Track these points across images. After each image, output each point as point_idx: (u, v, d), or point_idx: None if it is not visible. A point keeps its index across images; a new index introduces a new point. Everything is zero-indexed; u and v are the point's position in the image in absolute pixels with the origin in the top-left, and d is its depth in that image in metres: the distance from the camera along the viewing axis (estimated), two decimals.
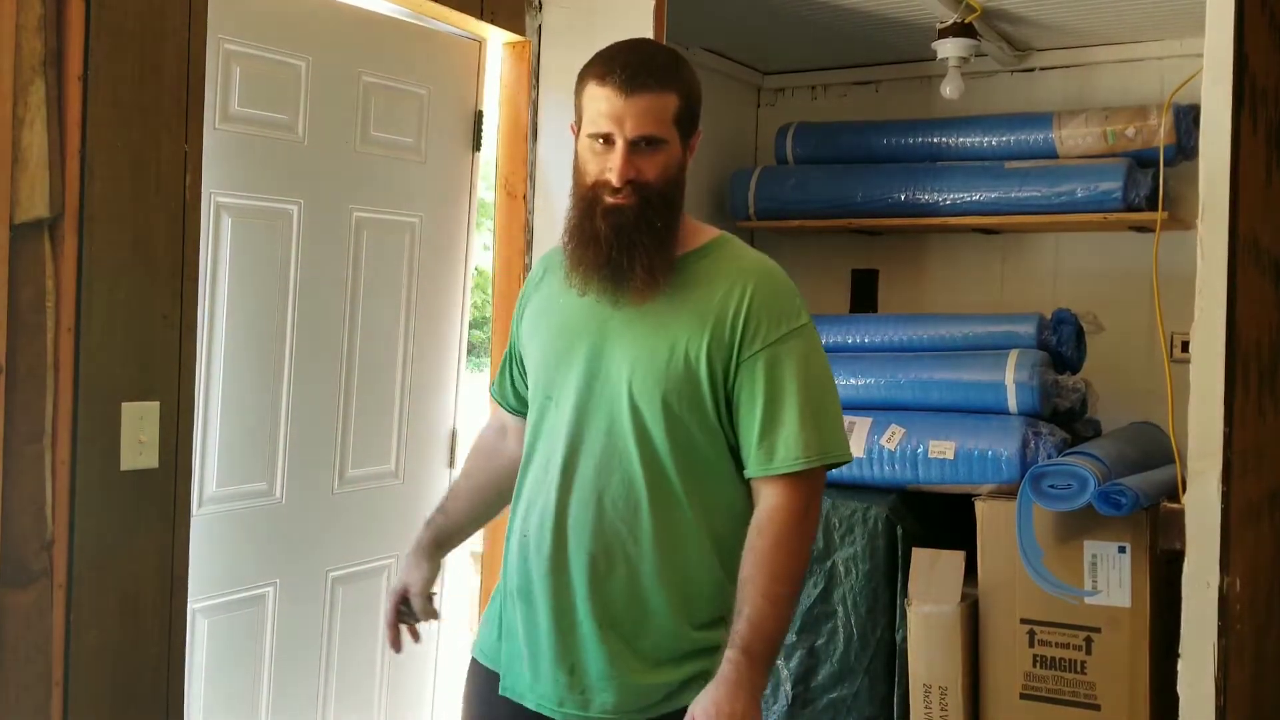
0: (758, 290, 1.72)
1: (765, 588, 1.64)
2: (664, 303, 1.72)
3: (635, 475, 1.71)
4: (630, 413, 1.71)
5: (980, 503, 2.92)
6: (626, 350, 1.72)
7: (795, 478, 1.68)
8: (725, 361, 1.70)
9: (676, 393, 1.69)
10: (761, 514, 1.69)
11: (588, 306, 1.76)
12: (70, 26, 1.96)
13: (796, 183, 3.70)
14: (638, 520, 1.71)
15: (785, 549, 1.66)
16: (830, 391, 1.75)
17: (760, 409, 1.69)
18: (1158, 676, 2.72)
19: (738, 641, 1.61)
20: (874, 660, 3.03)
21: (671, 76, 1.72)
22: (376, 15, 2.69)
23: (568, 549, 1.73)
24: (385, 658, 2.84)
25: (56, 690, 1.97)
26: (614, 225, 1.69)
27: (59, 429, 1.97)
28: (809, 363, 1.73)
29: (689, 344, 1.69)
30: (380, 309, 2.74)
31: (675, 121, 1.72)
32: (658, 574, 1.71)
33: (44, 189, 1.93)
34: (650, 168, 1.70)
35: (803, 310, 1.76)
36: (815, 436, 1.68)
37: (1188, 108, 3.18)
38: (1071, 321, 3.18)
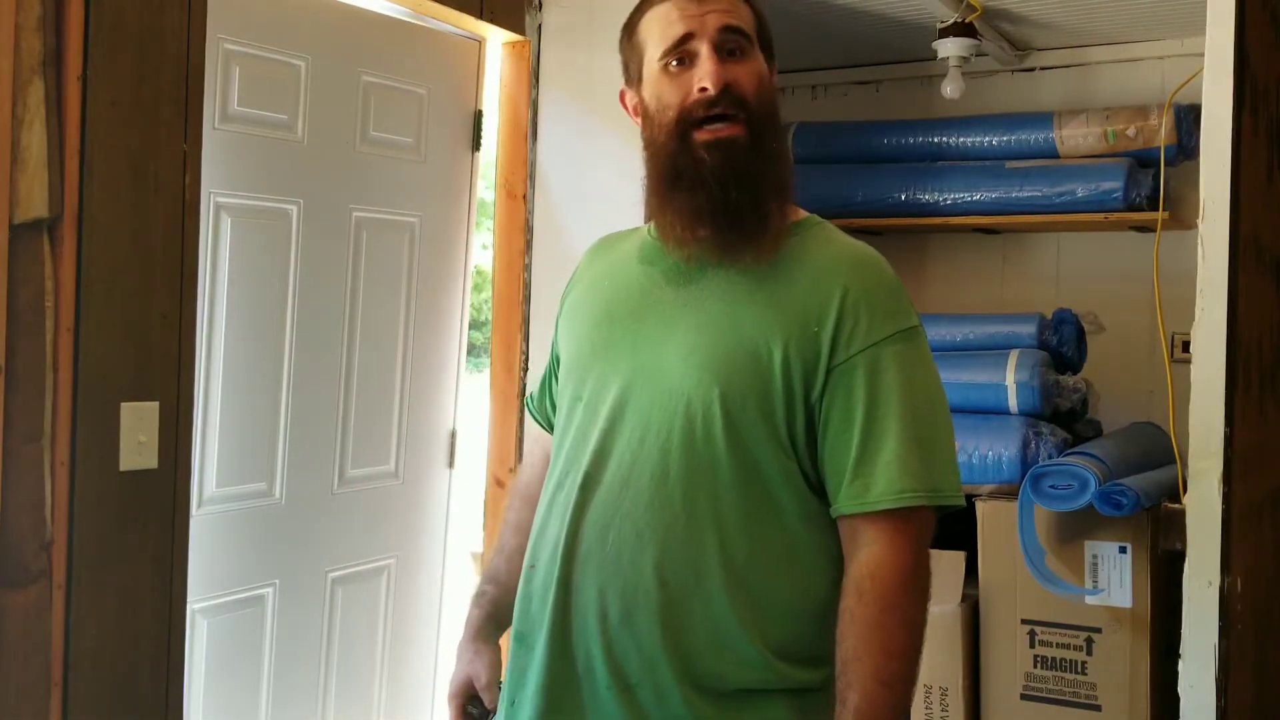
0: (858, 281, 1.38)
1: (878, 668, 1.28)
2: (739, 285, 1.39)
3: (673, 496, 1.35)
4: (678, 415, 1.36)
5: (981, 503, 2.92)
6: (683, 339, 1.38)
7: (904, 519, 1.32)
8: (810, 366, 1.35)
9: (741, 395, 1.34)
10: (860, 570, 1.32)
11: (640, 289, 1.45)
12: (70, 26, 1.95)
13: (797, 183, 3.69)
14: (669, 555, 1.35)
15: (898, 615, 1.30)
16: (944, 414, 1.38)
17: (858, 427, 1.33)
18: (1159, 677, 2.71)
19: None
20: None
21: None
22: (376, 15, 2.69)
23: (575, 585, 1.39)
24: (385, 658, 2.83)
25: (56, 690, 1.97)
26: (724, 159, 1.36)
27: (58, 429, 1.96)
28: (920, 374, 1.37)
29: (765, 338, 1.35)
30: (380, 309, 2.74)
31: (756, 34, 1.43)
32: (685, 629, 1.35)
33: (43, 189, 1.93)
34: (746, 77, 1.38)
35: (911, 310, 1.41)
36: (926, 467, 1.33)
37: (1188, 107, 3.18)
38: (1072, 321, 3.17)
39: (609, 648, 1.36)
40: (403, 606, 2.86)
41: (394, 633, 2.84)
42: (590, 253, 1.65)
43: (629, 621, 1.35)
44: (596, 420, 1.42)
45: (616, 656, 1.36)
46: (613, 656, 1.36)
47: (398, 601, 2.84)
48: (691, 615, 1.35)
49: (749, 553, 1.35)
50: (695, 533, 1.35)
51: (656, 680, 1.35)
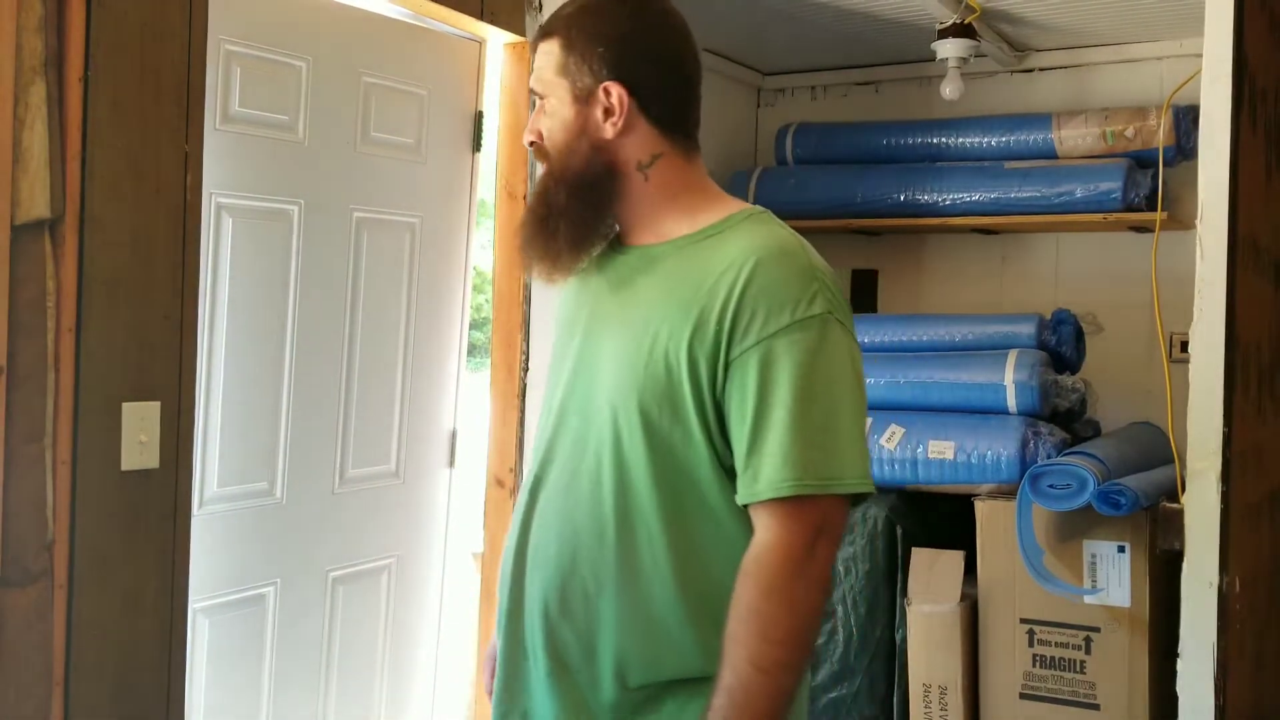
0: (757, 271, 1.38)
1: (754, 651, 1.30)
2: (657, 290, 1.45)
3: (604, 498, 1.42)
4: (604, 421, 1.43)
5: (980, 503, 2.92)
6: (608, 345, 1.47)
7: (792, 508, 1.33)
8: (712, 362, 1.38)
9: (655, 399, 1.39)
10: (749, 555, 1.35)
11: (592, 296, 1.53)
12: (71, 27, 1.96)
13: (796, 183, 3.70)
14: (602, 553, 1.42)
15: (780, 600, 1.31)
16: (846, 402, 1.38)
17: (749, 419, 1.36)
18: (1157, 676, 2.72)
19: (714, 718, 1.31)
20: (874, 660, 3.03)
21: (558, 25, 1.51)
22: (376, 15, 2.69)
23: (525, 579, 1.49)
24: (385, 657, 2.84)
25: (56, 690, 1.97)
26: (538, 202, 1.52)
27: (59, 429, 1.97)
28: (818, 362, 1.36)
29: (670, 337, 1.40)
30: (380, 309, 2.74)
31: (560, 73, 1.49)
32: (617, 622, 1.42)
33: (44, 190, 1.93)
34: (544, 131, 1.51)
35: (819, 297, 1.39)
36: (816, 456, 1.33)
37: (1187, 108, 3.19)
38: (1071, 321, 3.18)
39: (550, 637, 1.46)
40: (403, 606, 2.86)
41: (394, 633, 2.85)
42: None
43: (567, 614, 1.45)
44: (547, 428, 1.53)
45: (557, 645, 1.46)
46: (553, 645, 1.46)
47: (398, 601, 2.85)
48: (627, 609, 1.42)
49: (683, 547, 1.40)
50: (627, 532, 1.42)
51: (592, 668, 1.44)
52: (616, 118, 1.47)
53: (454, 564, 3.03)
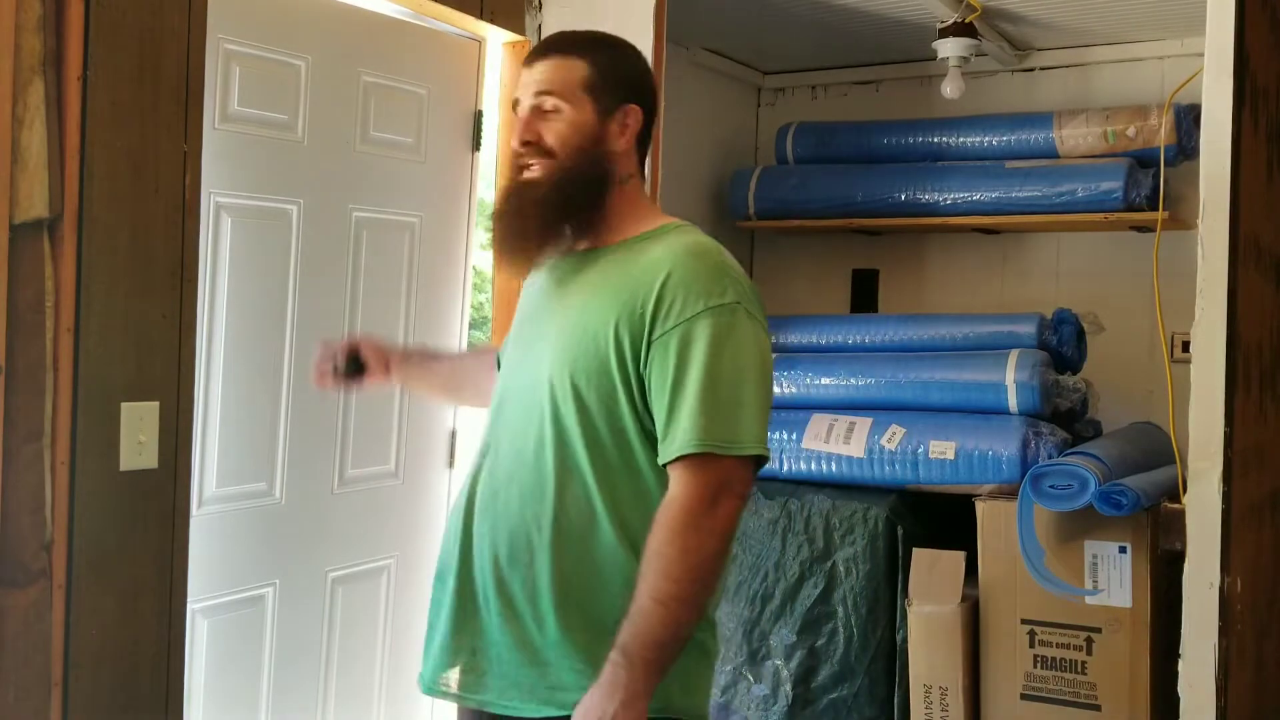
0: (677, 267, 1.63)
1: (653, 586, 1.53)
2: (596, 284, 1.69)
3: (545, 460, 1.65)
4: (544, 393, 1.66)
5: (980, 503, 2.92)
6: (553, 333, 1.70)
7: (697, 466, 1.55)
8: (637, 341, 1.61)
9: (585, 373, 1.63)
10: (661, 505, 1.58)
11: (541, 290, 1.78)
12: (69, 26, 1.95)
13: (797, 183, 3.70)
14: (544, 508, 1.64)
15: (679, 544, 1.53)
16: (750, 378, 1.60)
17: (668, 391, 1.58)
18: (1158, 677, 2.72)
19: (618, 642, 1.53)
20: (874, 660, 3.03)
21: (579, 47, 1.74)
22: (376, 15, 2.69)
23: (474, 530, 1.70)
24: (385, 658, 2.84)
25: (56, 690, 1.97)
26: (515, 200, 1.72)
27: (58, 429, 1.96)
28: (726, 343, 1.59)
29: (601, 323, 1.64)
30: (380, 309, 2.74)
31: (585, 88, 1.71)
32: (558, 567, 1.63)
33: (43, 189, 1.93)
34: (550, 131, 1.70)
35: (730, 289, 1.62)
36: (719, 423, 1.56)
37: (1188, 107, 3.18)
38: (1072, 321, 3.18)
39: (499, 582, 1.66)
40: (403, 606, 2.86)
41: (394, 633, 2.84)
42: None
43: (515, 562, 1.65)
44: (501, 399, 1.76)
45: (505, 590, 1.66)
46: (502, 589, 1.66)
47: (398, 601, 2.85)
48: (569, 555, 1.63)
49: (614, 503, 1.62)
50: (564, 489, 1.64)
51: (537, 610, 1.64)
52: (628, 135, 1.73)
53: None
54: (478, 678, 1.68)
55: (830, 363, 3.28)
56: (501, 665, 1.67)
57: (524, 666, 1.65)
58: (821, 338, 3.40)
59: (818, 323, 3.46)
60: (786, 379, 3.30)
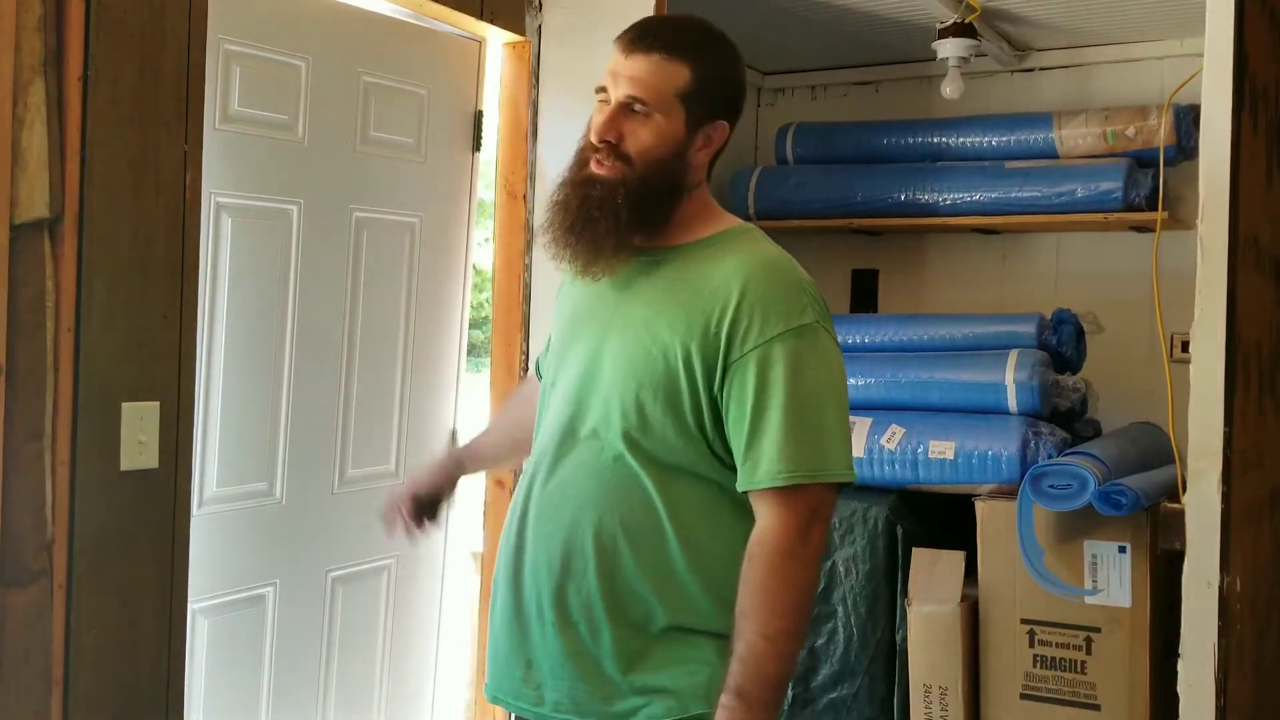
0: (752, 284, 1.56)
1: (762, 624, 1.49)
2: (660, 291, 1.62)
3: (606, 473, 1.61)
4: (607, 407, 1.61)
5: (980, 503, 2.92)
6: (616, 341, 1.63)
7: (788, 496, 1.52)
8: (711, 363, 1.56)
9: (652, 389, 1.58)
10: (753, 539, 1.54)
11: (594, 293, 1.69)
12: (70, 26, 1.96)
13: (796, 183, 3.70)
14: (602, 518, 1.60)
15: (781, 577, 1.50)
16: (832, 401, 1.57)
17: (749, 416, 1.54)
18: (1158, 677, 2.72)
19: (731, 684, 1.49)
20: (874, 660, 3.03)
21: (688, 49, 1.62)
22: (376, 15, 2.69)
23: (528, 540, 1.67)
24: (385, 658, 2.84)
25: (56, 690, 1.97)
26: (582, 195, 1.62)
27: (59, 429, 1.96)
28: (807, 366, 1.55)
29: (671, 339, 1.58)
30: (380, 309, 2.74)
31: (681, 97, 1.60)
32: (616, 578, 1.60)
33: (44, 189, 1.93)
34: (633, 137, 1.60)
35: (809, 309, 1.58)
36: (807, 450, 1.52)
37: (1188, 108, 3.18)
38: (1071, 321, 3.18)
39: (556, 594, 1.63)
40: (403, 606, 2.86)
41: (394, 633, 2.84)
42: None
43: (570, 573, 1.62)
44: (562, 409, 1.68)
45: (562, 601, 1.62)
46: (559, 601, 1.62)
47: (398, 601, 2.85)
48: (626, 565, 1.59)
49: (680, 511, 1.59)
50: (627, 499, 1.60)
51: (592, 619, 1.61)
52: (708, 151, 1.66)
53: (454, 564, 3.03)
54: (535, 690, 1.66)
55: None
56: (557, 677, 1.64)
57: (579, 679, 1.62)
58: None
59: None
60: None
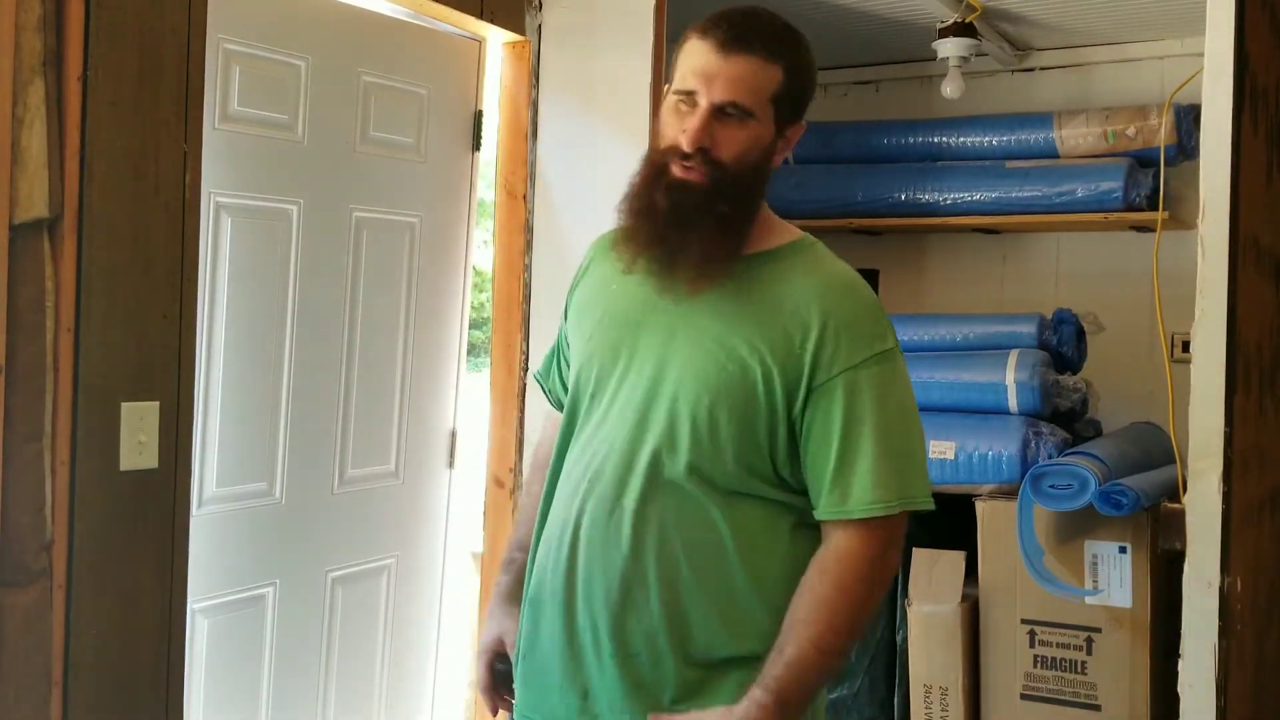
0: (839, 306, 1.52)
1: (819, 636, 1.46)
2: (730, 304, 1.54)
3: (668, 495, 1.52)
4: (674, 423, 1.52)
5: (981, 503, 2.92)
6: (680, 350, 1.54)
7: (872, 523, 1.49)
8: (794, 384, 1.50)
9: (727, 406, 1.50)
10: (828, 554, 1.50)
11: (643, 297, 1.58)
12: (70, 26, 1.95)
13: (797, 182, 3.70)
14: (667, 545, 1.52)
15: (851, 598, 1.48)
16: (915, 427, 1.55)
17: (836, 443, 1.49)
18: (1158, 677, 2.72)
19: (772, 684, 1.45)
20: (874, 660, 3.02)
21: (783, 48, 1.54)
22: (376, 15, 2.69)
23: (584, 567, 1.56)
24: (385, 657, 2.84)
25: (56, 690, 1.97)
26: (674, 201, 1.51)
27: (58, 429, 1.96)
28: (893, 393, 1.52)
29: (750, 355, 1.51)
30: (380, 309, 2.74)
31: (774, 100, 1.53)
32: (681, 605, 1.52)
33: (43, 189, 1.93)
34: (729, 143, 1.51)
35: (890, 332, 1.55)
36: (896, 479, 1.50)
37: (1188, 107, 3.18)
38: (1072, 321, 3.18)
39: (615, 623, 1.53)
40: (403, 606, 2.86)
41: (394, 633, 2.84)
42: (599, 247, 1.74)
43: (629, 601, 1.53)
44: (607, 419, 1.58)
45: (620, 631, 1.53)
46: (618, 630, 1.53)
47: (398, 601, 2.85)
48: (690, 593, 1.52)
49: (745, 531, 1.53)
50: (689, 523, 1.52)
51: (654, 649, 1.52)
52: (788, 151, 1.60)
53: (454, 564, 3.03)
54: (592, 718, 1.57)
55: None
56: (617, 711, 1.55)
57: (639, 714, 1.54)
58: None
59: None
60: None
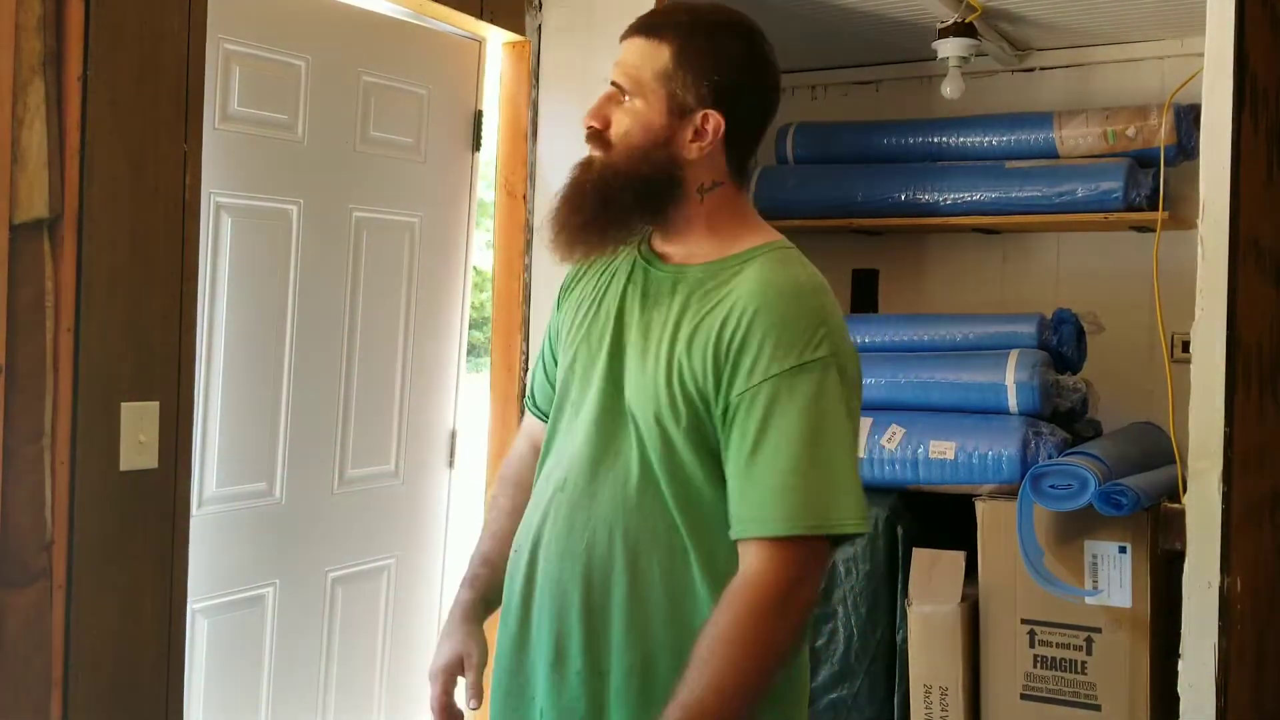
0: (771, 311, 1.42)
1: (717, 676, 1.32)
2: (680, 312, 1.49)
3: (630, 500, 1.47)
4: (630, 431, 1.48)
5: (980, 503, 2.92)
6: (632, 355, 1.51)
7: (782, 546, 1.36)
8: (723, 391, 1.42)
9: (672, 412, 1.44)
10: (736, 581, 1.37)
11: (620, 308, 1.55)
12: (70, 26, 1.95)
13: (797, 183, 3.70)
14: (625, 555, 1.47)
15: (754, 631, 1.34)
16: (843, 445, 1.42)
17: (746, 456, 1.39)
18: (1158, 677, 2.72)
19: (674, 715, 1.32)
20: (874, 661, 3.02)
21: (674, 30, 1.50)
22: (376, 15, 2.69)
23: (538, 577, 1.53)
24: (385, 658, 2.84)
25: (56, 690, 1.97)
26: (572, 180, 1.54)
27: (58, 429, 1.96)
28: (820, 405, 1.39)
29: (686, 359, 1.45)
30: (380, 309, 2.74)
31: (661, 79, 1.48)
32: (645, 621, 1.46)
33: (43, 189, 1.93)
34: (616, 123, 1.50)
35: (826, 341, 1.42)
36: (811, 499, 1.37)
37: (1188, 107, 3.18)
38: (1072, 321, 3.17)
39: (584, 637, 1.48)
40: (403, 606, 2.86)
41: (394, 633, 2.84)
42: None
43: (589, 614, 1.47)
44: (575, 429, 1.54)
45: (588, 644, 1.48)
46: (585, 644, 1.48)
47: (398, 601, 2.85)
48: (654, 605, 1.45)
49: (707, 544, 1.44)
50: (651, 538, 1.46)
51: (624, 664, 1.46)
52: (705, 144, 1.50)
53: (454, 564, 3.03)
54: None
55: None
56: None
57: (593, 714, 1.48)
58: None
59: None
60: None
